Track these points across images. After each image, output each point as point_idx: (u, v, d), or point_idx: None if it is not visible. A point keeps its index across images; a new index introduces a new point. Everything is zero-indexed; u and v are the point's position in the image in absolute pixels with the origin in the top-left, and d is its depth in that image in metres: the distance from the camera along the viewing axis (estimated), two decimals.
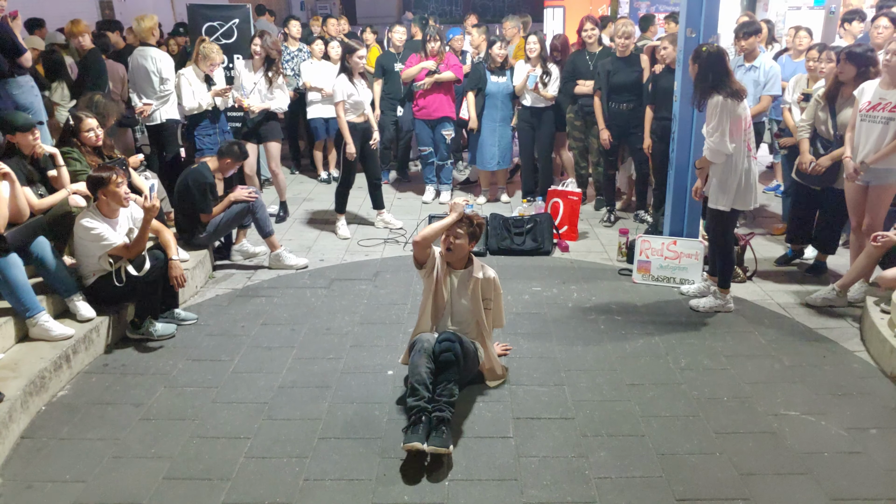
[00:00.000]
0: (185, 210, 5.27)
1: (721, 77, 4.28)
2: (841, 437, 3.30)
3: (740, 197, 4.41)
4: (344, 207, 6.35)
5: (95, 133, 4.82)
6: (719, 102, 4.24)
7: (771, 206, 6.93)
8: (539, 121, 6.68)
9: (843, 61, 4.65)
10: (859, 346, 4.17)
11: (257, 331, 4.43)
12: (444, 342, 3.40)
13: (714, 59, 4.29)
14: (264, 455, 3.20)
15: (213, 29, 6.99)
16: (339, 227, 6.31)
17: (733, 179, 4.37)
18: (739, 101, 4.26)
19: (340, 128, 5.95)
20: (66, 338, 3.92)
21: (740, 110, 4.28)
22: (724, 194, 4.41)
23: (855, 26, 6.84)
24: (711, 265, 4.80)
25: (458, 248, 3.58)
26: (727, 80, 4.28)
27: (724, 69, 4.30)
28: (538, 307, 4.74)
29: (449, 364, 3.34)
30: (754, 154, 4.44)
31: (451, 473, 3.07)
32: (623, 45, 6.03)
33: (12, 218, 3.90)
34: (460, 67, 6.86)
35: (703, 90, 4.34)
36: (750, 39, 5.74)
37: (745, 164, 4.36)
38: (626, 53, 6.06)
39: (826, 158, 4.83)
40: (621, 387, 3.75)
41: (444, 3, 22.87)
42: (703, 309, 4.61)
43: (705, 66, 4.31)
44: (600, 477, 3.04)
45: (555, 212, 6.12)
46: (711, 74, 4.28)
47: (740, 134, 4.30)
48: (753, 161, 4.42)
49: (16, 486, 3.03)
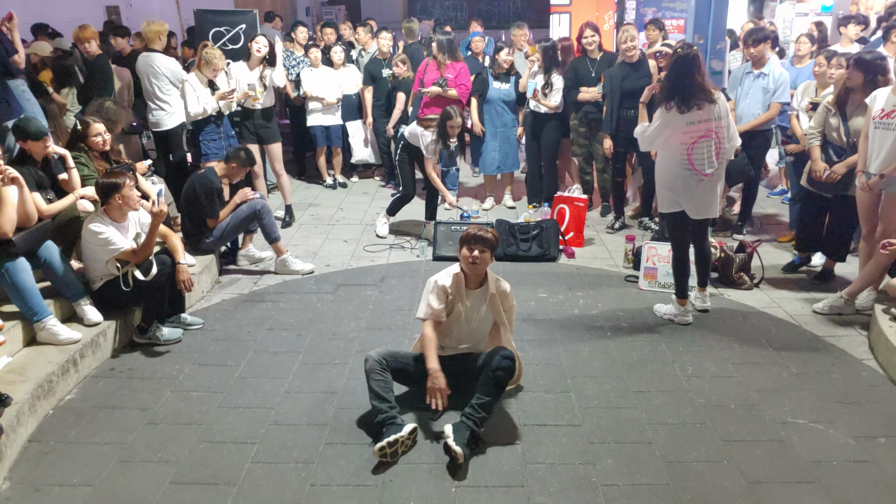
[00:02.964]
0: (191, 215, 5.28)
1: (680, 82, 4.17)
2: (849, 445, 3.29)
3: (662, 199, 4.54)
4: (394, 211, 6.43)
5: (103, 138, 4.85)
6: (660, 111, 4.25)
7: (779, 214, 6.91)
8: (543, 128, 6.68)
9: (851, 68, 4.63)
10: (867, 355, 4.16)
11: (263, 336, 4.44)
12: (506, 359, 3.36)
13: (682, 61, 4.19)
14: (271, 460, 3.20)
15: (220, 35, 7.01)
16: (379, 224, 6.43)
17: (664, 183, 4.45)
18: (684, 113, 4.17)
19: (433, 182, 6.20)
20: (74, 342, 3.94)
21: (685, 121, 4.20)
22: (661, 195, 4.55)
23: (851, 30, 6.85)
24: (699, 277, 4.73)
25: (482, 261, 3.46)
26: (685, 86, 4.16)
27: (688, 74, 4.16)
28: (544, 314, 4.74)
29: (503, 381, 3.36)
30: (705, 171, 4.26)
31: (458, 480, 3.06)
32: (629, 50, 6.03)
33: (21, 222, 3.91)
34: (468, 85, 6.83)
35: (661, 90, 4.30)
36: (759, 47, 5.73)
37: (676, 171, 4.31)
38: (634, 59, 6.06)
39: (841, 166, 4.76)
40: (628, 394, 3.74)
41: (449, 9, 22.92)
42: (661, 314, 4.65)
43: (671, 67, 4.26)
44: (607, 484, 3.03)
45: (561, 218, 6.12)
46: (673, 77, 4.22)
47: (676, 145, 4.27)
48: (694, 176, 4.28)
49: (24, 489, 3.04)
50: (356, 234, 6.48)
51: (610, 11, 9.04)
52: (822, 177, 4.85)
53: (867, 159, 4.46)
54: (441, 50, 6.77)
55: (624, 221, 6.60)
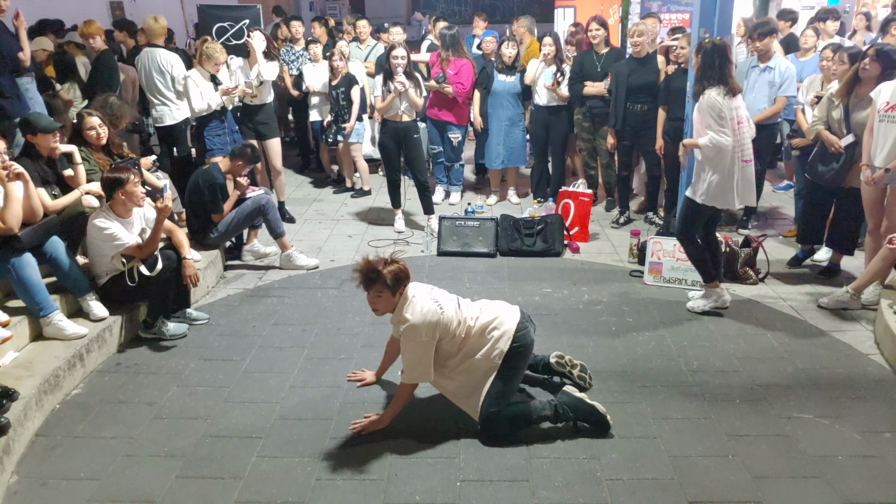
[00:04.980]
0: (196, 210, 5.29)
1: (722, 71, 4.24)
2: (855, 440, 3.28)
3: (716, 195, 4.39)
4: (396, 202, 6.43)
5: (97, 132, 4.79)
6: (710, 98, 4.22)
7: (783, 207, 6.89)
8: (553, 121, 6.67)
9: (871, 59, 4.56)
10: (873, 350, 4.14)
11: (268, 331, 4.45)
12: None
13: (717, 51, 4.24)
14: (276, 454, 3.21)
15: (224, 30, 7.00)
16: (395, 221, 6.46)
17: (713, 174, 4.35)
18: (733, 97, 4.24)
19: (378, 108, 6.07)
20: (80, 337, 3.95)
21: (734, 107, 4.25)
22: (701, 186, 4.42)
23: (829, 25, 6.84)
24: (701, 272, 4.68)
25: (380, 304, 3.27)
26: (726, 76, 4.25)
27: (726, 62, 4.25)
28: (548, 309, 4.73)
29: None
30: (745, 157, 4.35)
31: (463, 474, 3.07)
32: (636, 45, 6.01)
33: (26, 218, 3.92)
34: (467, 85, 6.79)
35: (701, 83, 4.30)
36: (765, 40, 5.70)
37: (729, 163, 4.31)
38: (642, 54, 6.04)
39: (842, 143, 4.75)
40: (632, 388, 3.74)
41: (453, 4, 22.87)
42: (700, 309, 4.63)
43: (708, 58, 4.26)
44: (612, 479, 3.04)
45: (565, 213, 6.11)
46: (711, 68, 4.25)
47: (735, 133, 4.28)
48: (743, 164, 4.35)
49: (31, 483, 3.05)
50: (360, 229, 6.48)
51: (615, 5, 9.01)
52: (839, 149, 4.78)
53: (872, 153, 4.45)
54: (444, 45, 6.76)
55: (629, 216, 6.59)
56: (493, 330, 3.30)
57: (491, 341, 3.29)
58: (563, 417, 3.32)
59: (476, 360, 3.29)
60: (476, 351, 3.30)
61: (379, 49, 8.01)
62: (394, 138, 6.06)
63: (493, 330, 3.30)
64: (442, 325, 3.21)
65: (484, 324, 3.31)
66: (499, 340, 3.28)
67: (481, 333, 3.30)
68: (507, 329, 3.30)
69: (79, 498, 2.94)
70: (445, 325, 3.22)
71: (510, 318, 3.36)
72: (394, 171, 6.26)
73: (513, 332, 3.30)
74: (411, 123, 6.06)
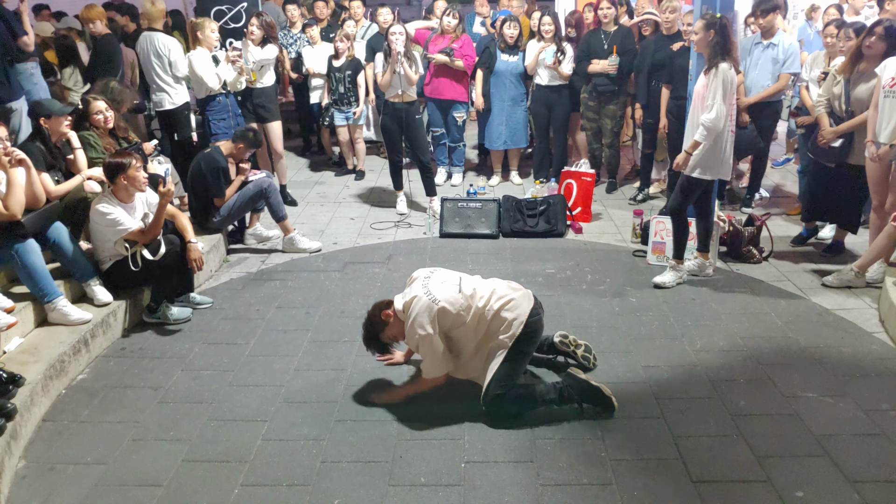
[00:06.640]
0: (198, 194, 5.28)
1: (731, 46, 4.38)
2: (859, 418, 3.28)
3: (710, 165, 4.49)
4: (398, 184, 6.41)
5: (104, 115, 4.81)
6: (726, 71, 4.31)
7: (787, 185, 6.86)
8: (555, 101, 6.63)
9: (877, 37, 4.53)
10: (878, 328, 4.14)
11: (272, 314, 4.45)
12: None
13: (727, 27, 4.39)
14: (281, 437, 3.23)
15: (222, 13, 6.93)
16: (397, 203, 6.45)
17: (719, 149, 4.45)
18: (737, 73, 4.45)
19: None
20: (84, 322, 3.96)
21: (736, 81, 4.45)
22: (711, 163, 4.48)
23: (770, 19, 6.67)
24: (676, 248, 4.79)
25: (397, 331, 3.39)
26: (732, 50, 4.40)
27: (731, 38, 4.41)
28: (552, 289, 4.73)
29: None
30: (732, 128, 4.54)
31: (468, 455, 3.08)
32: (667, 22, 6.00)
33: (29, 204, 3.91)
34: (472, 59, 6.76)
35: (714, 57, 4.37)
36: (768, 17, 5.64)
37: (727, 134, 4.46)
38: (673, 30, 6.01)
39: (829, 132, 4.82)
40: (636, 369, 3.75)
41: None
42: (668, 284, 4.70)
43: (722, 34, 4.34)
44: (616, 459, 3.05)
45: (568, 193, 6.09)
46: (724, 42, 4.35)
47: (731, 105, 4.44)
48: (730, 134, 4.53)
49: (38, 467, 3.07)
50: (363, 211, 6.47)
51: None
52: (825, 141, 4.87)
53: (877, 128, 4.41)
54: (455, 14, 6.70)
55: (648, 194, 6.56)
56: (506, 312, 3.31)
57: (504, 324, 3.30)
58: (568, 399, 3.32)
59: (489, 342, 3.33)
60: (489, 333, 3.32)
61: (373, 30, 7.93)
62: (396, 119, 6.03)
63: (506, 312, 3.31)
64: (440, 315, 3.22)
65: (497, 307, 3.31)
66: (511, 323, 3.29)
67: (496, 315, 3.30)
68: (520, 313, 3.31)
69: (86, 482, 2.96)
70: (443, 312, 3.23)
71: (524, 302, 3.36)
72: (396, 153, 6.23)
73: (526, 318, 3.30)
74: (413, 104, 6.02)
